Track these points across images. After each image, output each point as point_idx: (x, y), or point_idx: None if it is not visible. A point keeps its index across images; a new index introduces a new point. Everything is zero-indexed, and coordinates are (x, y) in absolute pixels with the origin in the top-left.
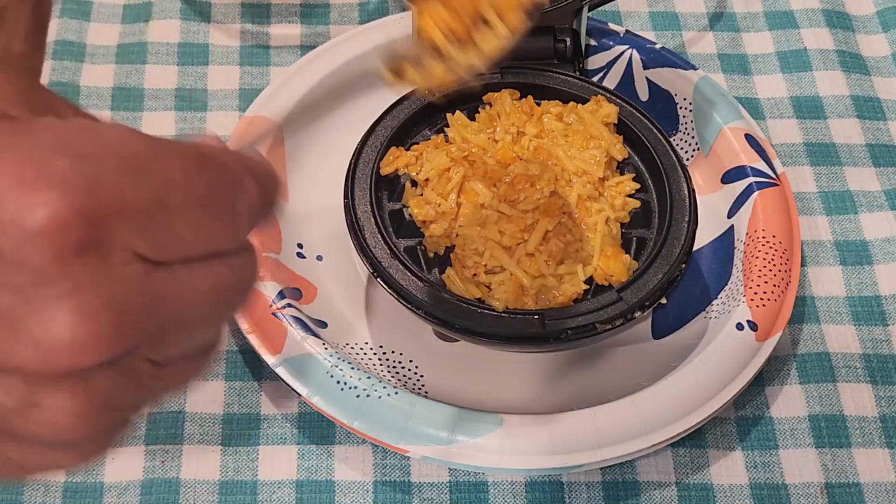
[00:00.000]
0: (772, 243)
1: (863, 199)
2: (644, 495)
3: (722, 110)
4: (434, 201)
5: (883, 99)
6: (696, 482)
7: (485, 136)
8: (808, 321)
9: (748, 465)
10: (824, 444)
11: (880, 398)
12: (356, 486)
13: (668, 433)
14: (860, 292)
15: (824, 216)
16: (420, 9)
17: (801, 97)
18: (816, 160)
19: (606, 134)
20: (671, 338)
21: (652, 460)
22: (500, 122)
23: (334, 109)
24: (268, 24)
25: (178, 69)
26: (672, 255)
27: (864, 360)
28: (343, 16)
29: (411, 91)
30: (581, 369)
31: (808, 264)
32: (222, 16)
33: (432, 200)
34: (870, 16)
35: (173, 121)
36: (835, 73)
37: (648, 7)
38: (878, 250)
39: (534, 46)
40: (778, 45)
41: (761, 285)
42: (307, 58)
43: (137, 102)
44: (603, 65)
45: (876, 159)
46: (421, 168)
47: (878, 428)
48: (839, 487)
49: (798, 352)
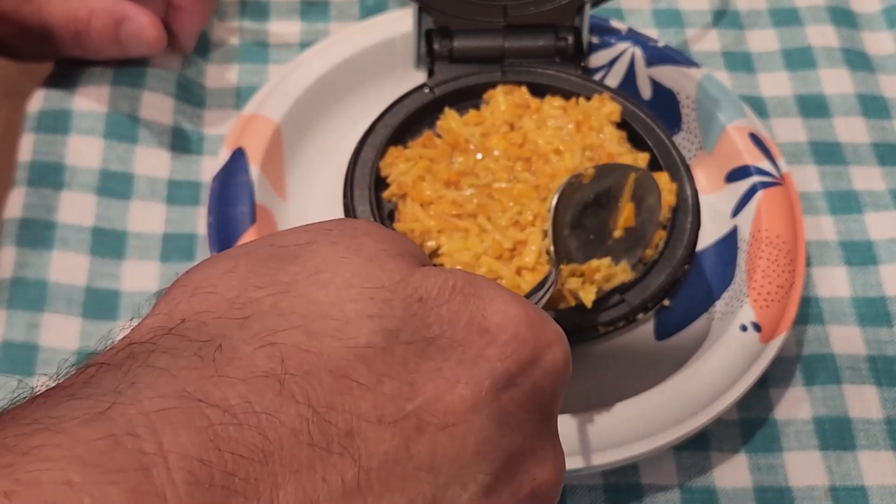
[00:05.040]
0: (776, 243)
1: (868, 199)
2: (647, 499)
3: (725, 108)
4: (410, 218)
5: (888, 97)
6: (699, 485)
7: (477, 129)
8: (813, 322)
9: (752, 468)
10: (829, 446)
11: (886, 400)
12: None
13: (672, 436)
14: (866, 293)
15: (829, 216)
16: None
17: (805, 95)
18: (821, 159)
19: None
20: (674, 339)
21: (654, 463)
22: (490, 116)
23: (333, 107)
24: (267, 21)
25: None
26: (675, 255)
27: (870, 362)
28: (343, 13)
29: (411, 89)
30: (583, 371)
31: (813, 264)
32: (222, 13)
33: (408, 217)
34: (875, 13)
35: (171, 113)
36: (840, 70)
37: (651, 4)
38: (883, 250)
39: (536, 44)
40: (782, 42)
41: (765, 286)
42: (305, 55)
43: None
44: (605, 63)
45: (882, 158)
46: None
47: (884, 430)
48: (844, 490)
49: (802, 353)
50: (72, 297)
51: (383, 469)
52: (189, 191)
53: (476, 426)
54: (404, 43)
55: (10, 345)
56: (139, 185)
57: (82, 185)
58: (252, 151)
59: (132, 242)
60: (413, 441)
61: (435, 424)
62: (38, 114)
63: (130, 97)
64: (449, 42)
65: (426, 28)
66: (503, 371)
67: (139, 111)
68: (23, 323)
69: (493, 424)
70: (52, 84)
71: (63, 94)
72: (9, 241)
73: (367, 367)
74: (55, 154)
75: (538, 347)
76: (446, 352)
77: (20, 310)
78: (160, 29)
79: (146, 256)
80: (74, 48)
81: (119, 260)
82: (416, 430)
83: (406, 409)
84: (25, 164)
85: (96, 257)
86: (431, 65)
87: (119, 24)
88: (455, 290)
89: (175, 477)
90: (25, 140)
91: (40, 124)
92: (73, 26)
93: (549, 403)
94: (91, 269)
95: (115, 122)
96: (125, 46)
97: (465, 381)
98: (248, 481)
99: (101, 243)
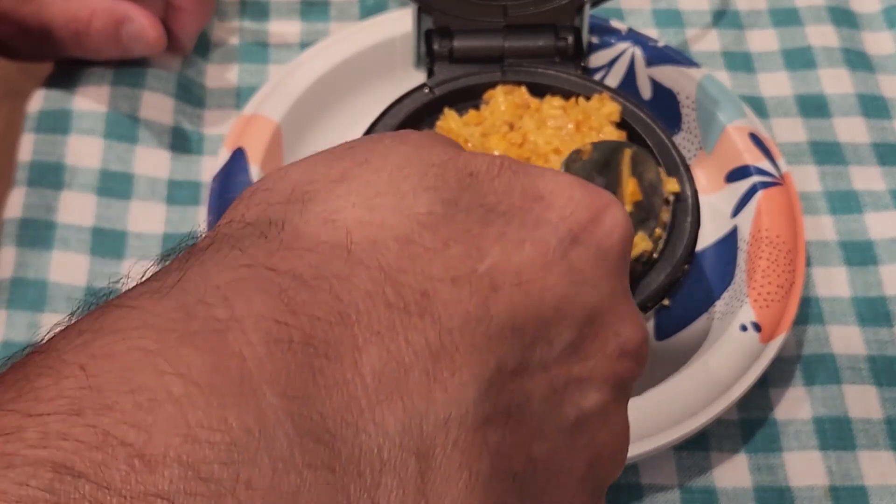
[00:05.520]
0: (776, 243)
1: (868, 199)
2: (647, 499)
3: (725, 108)
4: None
5: (888, 97)
6: (699, 486)
7: (477, 129)
8: (813, 322)
9: (752, 468)
10: (829, 446)
11: (886, 400)
12: None
13: (672, 436)
14: (866, 293)
15: (829, 216)
16: None
17: (805, 95)
18: (821, 159)
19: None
20: (674, 339)
21: (654, 463)
22: (490, 116)
23: (333, 107)
24: (267, 21)
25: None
26: (675, 255)
27: (870, 362)
28: (343, 13)
29: (411, 90)
30: None
31: (813, 264)
32: (222, 13)
33: None
34: (875, 13)
35: (171, 113)
36: (840, 70)
37: (651, 4)
38: (883, 250)
39: (535, 44)
40: (782, 42)
41: (765, 286)
42: (305, 55)
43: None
44: (605, 63)
45: (882, 158)
46: None
47: (884, 430)
48: (844, 490)
49: (802, 353)
50: (72, 297)
51: (466, 329)
52: (189, 191)
53: (550, 283)
54: (404, 43)
55: (11, 345)
56: (139, 185)
57: (82, 185)
58: (252, 151)
59: (132, 242)
60: (491, 300)
61: (509, 283)
62: (38, 114)
63: (130, 97)
64: (449, 42)
65: (426, 28)
66: (566, 230)
67: (139, 111)
68: (23, 323)
69: (566, 281)
70: (52, 84)
71: (63, 94)
72: (9, 241)
73: (432, 233)
74: (55, 154)
75: (595, 208)
76: (507, 217)
77: (20, 310)
78: (160, 29)
79: (146, 256)
80: (74, 48)
81: (119, 260)
82: (491, 288)
83: (478, 270)
84: (25, 164)
85: (96, 257)
86: (431, 65)
87: (119, 25)
88: (504, 167)
89: (252, 338)
90: (25, 140)
91: (40, 124)
92: (73, 26)
93: (618, 261)
94: (91, 269)
95: (115, 122)
96: (125, 47)
97: (531, 241)
98: (329, 343)
99: (101, 243)
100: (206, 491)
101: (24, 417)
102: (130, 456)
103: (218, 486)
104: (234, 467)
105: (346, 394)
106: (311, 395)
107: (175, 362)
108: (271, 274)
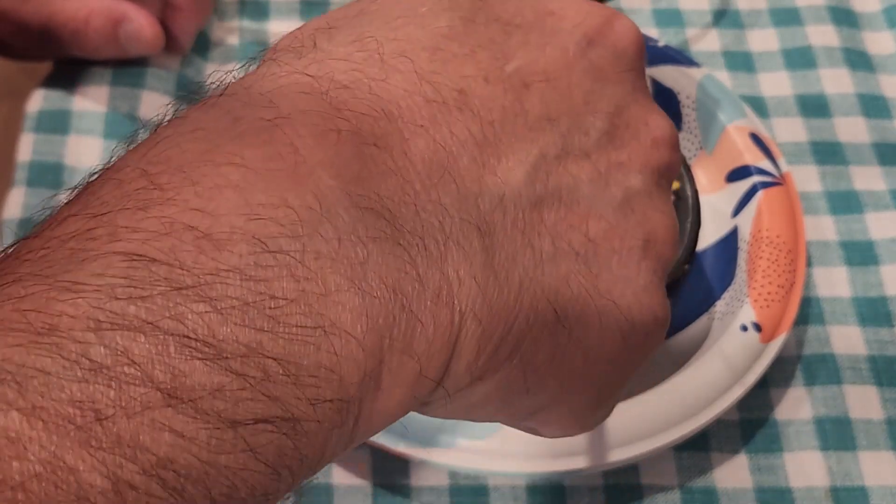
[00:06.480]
0: (776, 243)
1: (869, 199)
2: (647, 499)
3: (726, 108)
4: None
5: (889, 97)
6: (699, 486)
7: None
8: (813, 322)
9: (752, 469)
10: (830, 447)
11: (886, 400)
12: (355, 490)
13: (672, 436)
14: (866, 293)
15: (830, 216)
16: None
17: (806, 95)
18: (822, 159)
19: None
20: (674, 339)
21: (654, 464)
22: None
23: None
24: (267, 20)
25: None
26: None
27: (871, 362)
28: None
29: None
30: None
31: (814, 264)
32: (221, 13)
33: None
34: (875, 13)
35: None
36: (840, 70)
37: (651, 4)
38: (884, 250)
39: None
40: (783, 42)
41: (766, 286)
42: None
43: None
44: None
45: (882, 158)
46: None
47: (885, 430)
48: (845, 491)
49: (803, 353)
50: None
51: (506, 121)
52: None
53: (576, 80)
54: None
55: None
56: None
57: None
58: None
59: None
60: (524, 95)
61: (538, 80)
62: (37, 113)
63: (130, 97)
64: None
65: None
66: (581, 35)
67: (139, 111)
68: None
69: (591, 77)
70: (51, 84)
71: (63, 94)
72: (9, 241)
73: (458, 43)
74: (55, 154)
75: (604, 16)
76: (524, 28)
77: None
78: (158, 29)
79: None
80: (73, 47)
81: None
82: (522, 85)
83: (507, 70)
84: (25, 164)
85: None
86: None
87: (117, 24)
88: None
89: (301, 131)
90: (25, 140)
91: (40, 124)
92: (72, 25)
93: (634, 61)
94: None
95: (114, 121)
96: (123, 46)
97: (551, 45)
98: (376, 135)
99: None
100: (276, 262)
101: (91, 219)
102: (198, 238)
103: (287, 257)
104: (301, 240)
105: (400, 177)
106: (366, 178)
107: (229, 155)
108: (311, 80)
